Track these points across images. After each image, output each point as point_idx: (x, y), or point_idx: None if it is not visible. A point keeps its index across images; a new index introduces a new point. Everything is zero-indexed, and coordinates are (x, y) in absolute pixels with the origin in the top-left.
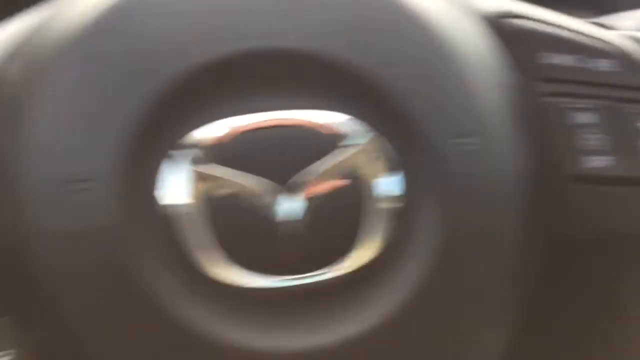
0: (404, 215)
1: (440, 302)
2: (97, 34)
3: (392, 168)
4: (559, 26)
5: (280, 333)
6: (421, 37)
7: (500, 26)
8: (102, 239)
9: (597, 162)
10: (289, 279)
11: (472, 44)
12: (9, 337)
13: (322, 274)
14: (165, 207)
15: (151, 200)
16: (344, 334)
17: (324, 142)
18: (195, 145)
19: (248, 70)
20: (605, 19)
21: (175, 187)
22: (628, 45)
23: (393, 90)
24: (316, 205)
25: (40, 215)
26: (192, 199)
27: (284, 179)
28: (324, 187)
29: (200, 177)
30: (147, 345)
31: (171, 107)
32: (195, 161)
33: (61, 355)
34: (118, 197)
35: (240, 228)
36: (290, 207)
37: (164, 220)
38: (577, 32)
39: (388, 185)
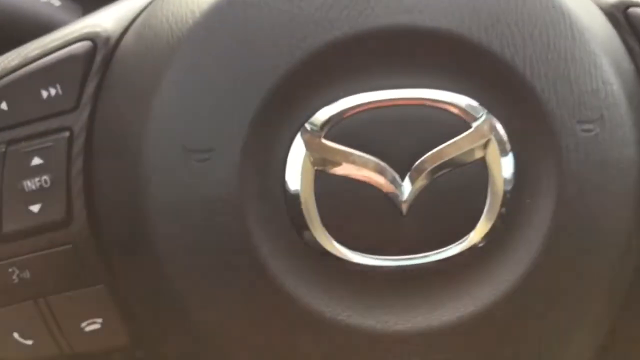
0: (519, 199)
1: (549, 284)
2: (227, 7)
3: (511, 150)
4: None
5: (395, 313)
6: (554, 20)
7: (622, 15)
8: (220, 210)
9: None
10: (405, 259)
11: (600, 31)
12: (99, 306)
13: (439, 253)
14: (285, 182)
15: (271, 174)
16: (457, 314)
17: (448, 123)
18: (318, 122)
19: (374, 48)
20: None
21: (296, 163)
22: None
23: (521, 71)
24: (434, 186)
25: (160, 183)
26: (312, 176)
27: (405, 158)
28: (443, 168)
29: (322, 155)
30: (260, 318)
31: (297, 84)
32: (318, 137)
33: (164, 326)
34: (238, 169)
35: (359, 207)
36: (409, 187)
37: (284, 196)
38: None
39: (506, 167)
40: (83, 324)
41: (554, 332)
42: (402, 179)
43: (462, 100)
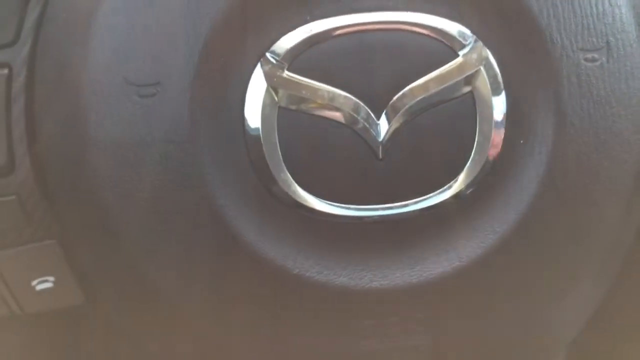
0: (512, 140)
1: (542, 238)
2: None
3: (503, 83)
4: None
5: (370, 269)
6: None
7: None
8: (170, 154)
9: None
10: (381, 209)
11: None
12: (50, 263)
13: (420, 201)
14: (244, 122)
15: (227, 112)
16: (439, 270)
17: (431, 52)
18: (281, 52)
19: None
20: None
21: (256, 99)
22: None
23: None
24: (414, 126)
25: (101, 122)
26: (275, 115)
27: (381, 93)
28: (424, 104)
29: (285, 89)
30: (217, 274)
31: (256, 5)
32: (280, 70)
33: (112, 279)
34: (188, 106)
35: (329, 150)
36: (385, 127)
37: (243, 138)
38: None
39: (498, 103)
40: (34, 282)
41: (545, 288)
42: (378, 117)
43: (447, 25)
